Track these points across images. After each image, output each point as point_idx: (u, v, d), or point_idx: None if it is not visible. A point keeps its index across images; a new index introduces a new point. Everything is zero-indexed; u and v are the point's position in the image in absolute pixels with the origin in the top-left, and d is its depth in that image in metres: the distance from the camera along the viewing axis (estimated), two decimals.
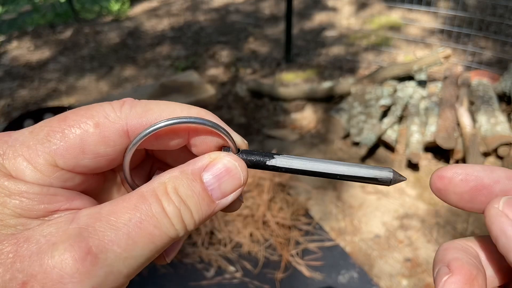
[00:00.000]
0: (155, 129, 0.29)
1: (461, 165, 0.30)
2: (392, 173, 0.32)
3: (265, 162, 0.33)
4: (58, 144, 0.28)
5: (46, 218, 0.27)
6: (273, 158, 0.33)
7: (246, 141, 0.34)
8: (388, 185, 0.32)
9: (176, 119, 0.30)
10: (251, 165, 0.33)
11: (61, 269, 0.24)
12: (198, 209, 0.29)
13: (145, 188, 0.28)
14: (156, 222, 0.27)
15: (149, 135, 0.29)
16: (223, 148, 0.33)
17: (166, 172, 0.30)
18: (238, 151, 0.33)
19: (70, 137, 0.28)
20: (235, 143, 0.33)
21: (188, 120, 0.30)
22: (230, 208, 0.34)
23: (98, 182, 0.33)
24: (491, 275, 0.28)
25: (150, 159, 0.37)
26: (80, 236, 0.25)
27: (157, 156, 0.37)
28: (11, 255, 0.24)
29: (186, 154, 0.33)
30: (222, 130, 0.31)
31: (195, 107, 0.32)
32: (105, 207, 0.27)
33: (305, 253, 1.87)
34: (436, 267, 0.30)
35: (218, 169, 0.30)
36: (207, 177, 0.30)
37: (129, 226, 0.26)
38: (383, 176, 0.32)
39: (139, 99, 0.32)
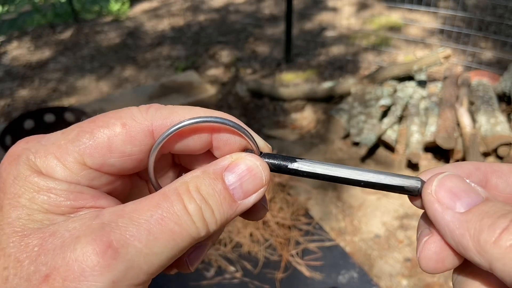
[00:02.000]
0: (179, 128, 0.30)
1: (431, 169, 0.31)
2: (420, 181, 0.30)
3: (287, 166, 0.32)
4: (87, 143, 0.29)
5: (72, 215, 0.28)
6: (295, 161, 0.32)
7: (269, 145, 0.35)
8: (416, 195, 0.31)
9: (199, 118, 0.30)
10: (273, 168, 0.33)
11: (83, 261, 0.24)
12: (219, 207, 0.29)
13: (167, 188, 0.29)
14: (177, 219, 0.27)
15: (172, 133, 0.30)
16: (245, 150, 0.33)
17: (188, 172, 0.30)
18: (260, 154, 0.33)
19: (98, 136, 0.29)
20: (257, 146, 0.33)
21: (211, 119, 0.31)
22: (254, 215, 0.34)
23: (124, 186, 0.33)
24: (450, 254, 0.28)
25: (177, 168, 0.38)
26: (103, 230, 0.25)
27: (184, 164, 0.37)
28: (36, 248, 0.25)
29: (211, 160, 0.34)
30: (245, 131, 0.32)
31: (218, 111, 0.33)
32: (128, 205, 0.28)
33: (305, 253, 1.87)
34: (419, 230, 0.31)
35: (240, 169, 0.30)
36: (229, 176, 0.30)
37: (150, 222, 0.26)
38: (410, 185, 0.30)
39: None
